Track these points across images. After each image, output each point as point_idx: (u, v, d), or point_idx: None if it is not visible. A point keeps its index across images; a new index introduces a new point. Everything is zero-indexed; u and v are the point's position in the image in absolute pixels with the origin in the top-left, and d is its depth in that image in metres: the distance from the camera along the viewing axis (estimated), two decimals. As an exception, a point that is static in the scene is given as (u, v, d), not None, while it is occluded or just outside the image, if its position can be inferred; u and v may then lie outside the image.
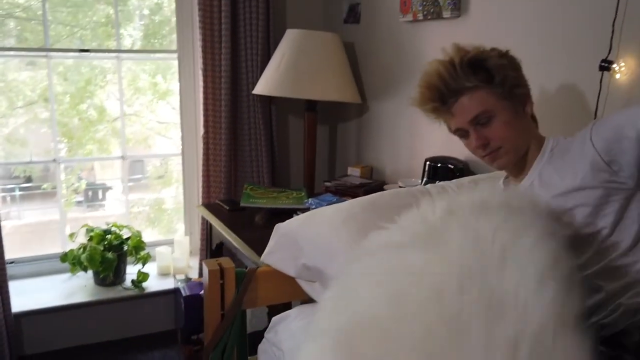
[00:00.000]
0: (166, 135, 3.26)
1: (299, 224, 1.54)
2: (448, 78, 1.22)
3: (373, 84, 2.49)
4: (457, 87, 1.22)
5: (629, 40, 1.37)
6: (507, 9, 1.75)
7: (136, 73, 3.06)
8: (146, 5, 2.92)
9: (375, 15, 2.42)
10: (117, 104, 2.93)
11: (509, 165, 1.29)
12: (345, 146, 2.76)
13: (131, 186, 3.45)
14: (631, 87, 1.38)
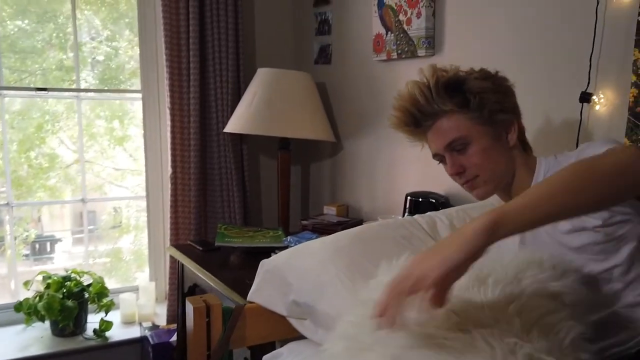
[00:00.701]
0: (122, 183, 3.15)
1: (285, 259, 1.50)
2: (423, 102, 1.16)
3: (346, 123, 2.51)
4: (432, 111, 1.17)
5: (606, 74, 1.43)
6: (482, 46, 1.81)
7: (91, 119, 2.96)
8: (101, 52, 2.86)
9: (347, 56, 2.46)
10: (68, 151, 2.83)
11: (488, 195, 1.22)
12: (319, 185, 2.74)
13: (83, 237, 3.30)
14: (610, 118, 1.44)
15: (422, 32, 1.98)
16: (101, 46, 2.85)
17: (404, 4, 2.05)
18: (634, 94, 1.37)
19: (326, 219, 2.40)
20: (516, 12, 1.67)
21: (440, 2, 1.96)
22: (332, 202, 2.57)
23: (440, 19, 1.97)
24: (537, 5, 1.60)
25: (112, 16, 2.82)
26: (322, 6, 2.61)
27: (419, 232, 1.50)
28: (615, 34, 1.40)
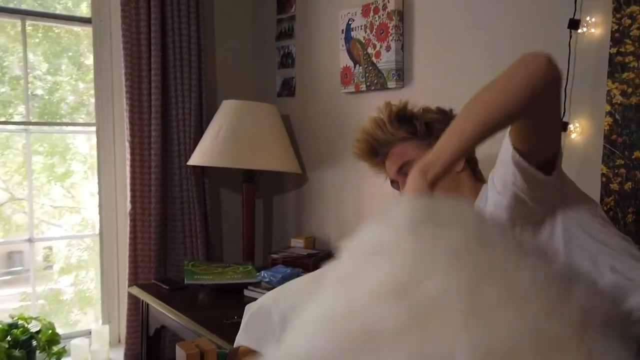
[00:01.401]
0: (59, 221, 2.97)
1: (273, 300, 1.45)
2: (377, 131, 1.30)
3: (312, 154, 2.50)
4: (386, 139, 1.31)
5: (580, 104, 1.50)
6: (452, 77, 1.86)
7: (25, 155, 2.78)
8: (39, 86, 2.72)
9: (313, 88, 2.46)
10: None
11: None
12: (284, 217, 2.70)
13: (8, 280, 3.08)
14: (585, 146, 1.50)
15: (392, 65, 2.02)
16: (39, 80, 2.71)
17: (373, 37, 2.09)
18: (608, 122, 1.44)
19: (295, 251, 2.36)
20: (488, 44, 1.73)
21: (409, 36, 2.01)
22: (298, 235, 2.53)
23: (409, 52, 2.01)
24: (510, 38, 1.67)
25: (53, 50, 2.70)
26: (285, 40, 2.62)
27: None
28: (589, 66, 1.47)
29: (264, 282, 2.01)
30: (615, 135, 1.43)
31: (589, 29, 1.46)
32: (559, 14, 1.50)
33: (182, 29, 2.45)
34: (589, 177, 1.49)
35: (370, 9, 2.09)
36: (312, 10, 2.45)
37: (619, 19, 1.40)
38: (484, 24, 1.73)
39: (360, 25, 2.14)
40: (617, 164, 1.43)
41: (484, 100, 0.91)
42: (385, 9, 2.03)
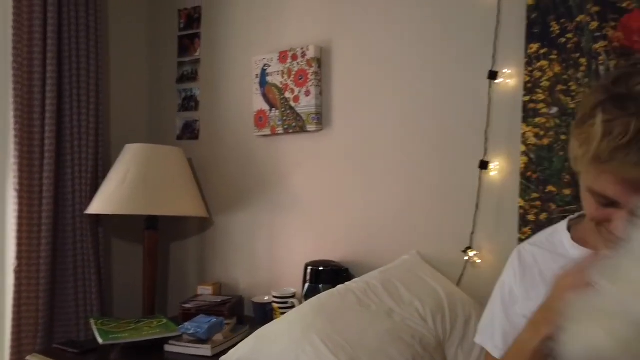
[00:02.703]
0: None
1: (251, 350, 1.41)
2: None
3: (218, 198, 2.46)
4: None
5: (499, 145, 1.70)
6: (371, 122, 1.99)
7: None
8: None
9: (221, 131, 2.45)
10: None
11: None
12: (188, 264, 2.59)
13: None
14: (504, 182, 1.70)
15: (312, 109, 2.10)
16: None
17: (291, 83, 2.16)
18: (524, 161, 1.66)
19: (206, 299, 2.28)
20: (409, 91, 1.89)
21: (327, 82, 2.12)
22: (205, 281, 2.46)
23: (327, 97, 2.12)
24: (431, 87, 1.84)
25: None
26: (188, 83, 2.59)
27: (367, 297, 1.55)
28: (505, 112, 1.68)
29: (187, 335, 1.91)
30: (530, 172, 1.64)
31: (505, 80, 1.68)
32: (479, 65, 1.71)
33: (80, 69, 2.32)
34: (508, 209, 1.68)
35: (287, 55, 2.17)
36: (220, 54, 2.47)
37: (530, 72, 1.64)
38: (406, 73, 1.90)
39: (277, 70, 2.21)
40: (532, 198, 1.64)
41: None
42: (304, 56, 2.12)
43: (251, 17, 2.35)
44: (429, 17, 1.84)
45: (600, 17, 1.51)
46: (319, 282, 1.96)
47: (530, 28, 1.64)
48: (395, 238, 1.92)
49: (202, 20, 2.56)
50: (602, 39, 1.51)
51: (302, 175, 2.19)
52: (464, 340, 1.55)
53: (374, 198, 1.99)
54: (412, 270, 1.75)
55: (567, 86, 1.57)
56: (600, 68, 1.52)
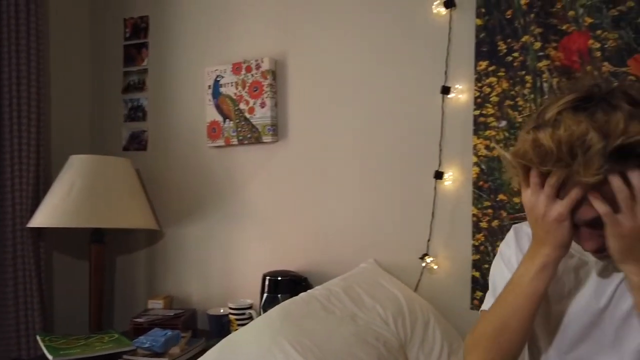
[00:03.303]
0: None
1: (219, 358, 1.42)
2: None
3: (168, 210, 2.45)
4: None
5: (452, 156, 1.82)
6: (327, 133, 2.07)
7: None
8: None
9: (171, 142, 2.45)
10: None
11: None
12: (135, 278, 2.55)
13: None
14: (457, 191, 1.81)
15: (268, 120, 2.15)
16: None
17: (245, 94, 2.20)
18: (476, 171, 1.78)
19: (158, 313, 2.26)
20: (364, 105, 1.99)
21: (283, 93, 2.18)
22: (155, 295, 2.43)
23: (283, 108, 2.18)
24: (387, 102, 1.94)
25: None
26: (134, 92, 2.57)
27: (330, 303, 1.61)
28: (457, 125, 1.80)
29: (142, 349, 1.90)
30: (482, 182, 1.77)
31: (457, 95, 1.80)
32: (432, 81, 1.82)
33: (20, 77, 2.25)
34: (462, 217, 1.79)
35: (241, 67, 2.21)
36: (169, 64, 2.47)
37: (480, 87, 1.77)
38: (362, 86, 1.99)
39: (230, 82, 2.24)
40: (485, 206, 1.76)
41: None
42: (259, 68, 2.17)
43: (203, 28, 2.38)
44: (383, 33, 1.95)
45: (543, 38, 1.67)
46: (278, 292, 2.00)
47: (479, 47, 1.78)
48: (353, 247, 1.99)
49: (149, 29, 2.56)
50: (545, 58, 1.66)
51: (258, 186, 2.23)
52: (424, 343, 1.63)
53: (331, 208, 2.05)
54: (371, 276, 1.83)
55: (514, 101, 1.72)
56: (544, 85, 1.67)
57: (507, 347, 0.98)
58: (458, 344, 1.71)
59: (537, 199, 0.90)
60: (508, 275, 1.04)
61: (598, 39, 1.58)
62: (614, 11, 1.56)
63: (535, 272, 0.94)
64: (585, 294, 1.03)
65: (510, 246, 1.13)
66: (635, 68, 1.54)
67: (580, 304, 1.03)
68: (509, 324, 0.97)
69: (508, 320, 0.97)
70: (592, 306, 1.01)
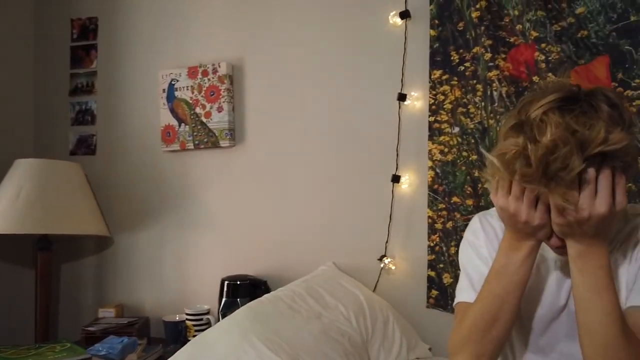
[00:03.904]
0: None
1: (190, 358, 1.45)
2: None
3: (120, 216, 2.44)
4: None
5: (408, 161, 1.93)
6: (285, 138, 2.14)
7: None
8: None
9: (121, 146, 2.44)
10: None
11: None
12: (83, 287, 2.51)
13: None
14: (413, 194, 1.92)
15: (225, 125, 2.20)
16: None
17: (202, 98, 2.24)
18: (431, 175, 1.90)
19: (110, 321, 2.25)
20: (322, 110, 2.07)
21: (240, 98, 2.23)
22: (106, 304, 2.41)
23: (240, 113, 2.23)
24: (345, 108, 2.03)
25: None
26: (82, 95, 2.55)
27: (295, 303, 1.67)
28: (413, 131, 1.91)
29: (98, 357, 1.89)
30: (437, 185, 1.88)
31: (413, 102, 1.92)
32: (389, 88, 1.93)
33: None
34: (418, 219, 1.90)
35: (197, 71, 2.25)
36: (120, 67, 2.47)
37: (434, 95, 1.89)
38: (320, 93, 2.07)
39: (186, 86, 2.27)
40: (439, 208, 1.88)
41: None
42: (215, 72, 2.21)
43: (157, 31, 2.39)
44: (341, 41, 2.04)
45: (492, 49, 1.81)
46: (237, 296, 2.04)
47: (433, 56, 1.90)
48: (312, 250, 2.06)
49: (99, 31, 2.54)
50: (494, 68, 1.80)
51: (215, 190, 2.26)
52: (384, 340, 1.72)
53: (290, 212, 2.12)
54: (332, 278, 1.90)
55: (466, 108, 1.85)
56: (494, 93, 1.81)
57: (499, 338, 1.00)
58: (415, 340, 1.81)
59: (518, 207, 0.96)
60: (480, 264, 1.13)
61: (543, 51, 1.73)
62: (557, 26, 1.72)
63: (521, 261, 0.99)
64: (547, 291, 1.09)
65: (479, 237, 1.19)
66: (576, 79, 1.69)
67: (544, 302, 1.09)
68: (500, 314, 1.00)
69: (498, 311, 1.00)
70: (555, 304, 1.08)
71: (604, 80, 1.65)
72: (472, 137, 1.84)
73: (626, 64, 1.61)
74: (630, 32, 1.61)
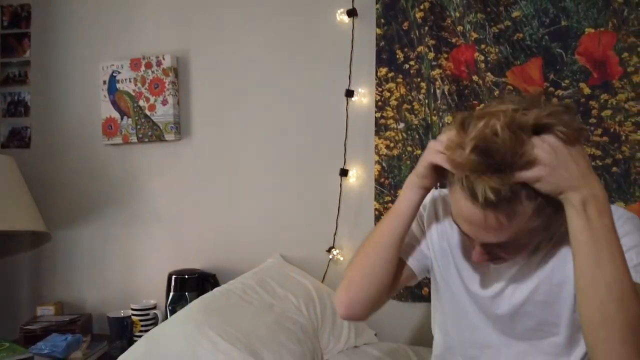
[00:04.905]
0: None
1: (144, 354, 1.50)
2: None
3: (59, 211, 2.42)
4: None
5: (355, 155, 2.04)
6: (232, 132, 2.20)
7: None
8: None
9: (58, 139, 2.42)
10: None
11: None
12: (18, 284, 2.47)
13: None
14: (361, 187, 2.04)
15: (170, 118, 2.23)
16: None
17: (145, 91, 2.26)
18: (377, 169, 2.02)
19: (50, 319, 2.24)
20: (270, 105, 2.15)
21: (186, 91, 2.27)
22: (44, 302, 2.39)
23: (186, 106, 2.27)
24: (294, 102, 2.12)
25: None
26: (14, 86, 2.50)
27: (247, 295, 1.74)
28: (360, 126, 2.03)
29: (41, 355, 1.89)
30: (383, 179, 2.01)
31: (360, 98, 2.03)
32: (337, 84, 2.03)
33: None
34: (365, 211, 2.02)
35: (140, 63, 2.27)
36: (57, 57, 2.44)
37: (380, 92, 2.01)
38: (268, 87, 2.15)
39: (128, 78, 2.28)
40: (386, 200, 2.00)
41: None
42: (160, 65, 2.24)
43: (96, 21, 2.39)
44: (289, 37, 2.13)
45: (435, 49, 1.95)
46: (185, 290, 2.09)
47: (379, 54, 2.02)
48: (261, 243, 2.14)
49: (32, 19, 2.50)
50: (437, 67, 1.94)
51: (161, 185, 2.29)
52: (334, 327, 1.83)
53: (237, 205, 2.18)
54: (281, 269, 1.99)
55: (411, 105, 1.98)
56: (437, 91, 1.95)
57: (372, 275, 1.12)
58: (362, 327, 1.92)
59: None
60: (416, 231, 1.20)
61: (482, 52, 1.88)
62: (495, 29, 1.87)
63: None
64: (485, 276, 1.12)
65: (425, 209, 1.22)
66: (512, 79, 1.86)
67: (479, 288, 1.13)
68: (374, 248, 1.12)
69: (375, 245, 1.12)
70: (491, 291, 1.10)
71: (537, 80, 1.82)
72: (416, 132, 1.97)
73: (557, 65, 1.79)
74: (561, 35, 1.78)
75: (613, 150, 1.73)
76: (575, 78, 1.77)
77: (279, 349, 1.53)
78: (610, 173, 1.73)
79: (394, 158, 2.00)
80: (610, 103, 1.73)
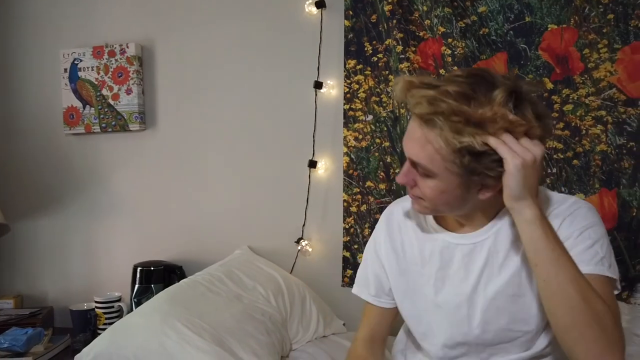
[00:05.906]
0: None
1: (109, 345, 1.53)
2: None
3: (16, 202, 2.41)
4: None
5: (324, 147, 2.10)
6: (198, 123, 2.23)
7: None
8: None
9: (15, 128, 2.41)
10: None
11: (424, 214, 1.16)
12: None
13: None
14: (329, 178, 2.10)
15: (135, 108, 2.25)
16: None
17: (108, 80, 2.26)
18: (346, 161, 2.08)
19: (10, 312, 2.24)
20: (238, 96, 2.18)
21: (151, 81, 2.28)
22: (2, 295, 2.38)
23: (151, 96, 2.28)
24: (263, 94, 2.16)
25: None
26: (-31, 72, 2.47)
27: (214, 286, 1.79)
28: (329, 118, 2.08)
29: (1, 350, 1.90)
30: (351, 170, 2.07)
31: (329, 90, 2.08)
32: (306, 76, 2.08)
33: None
34: (334, 202, 2.08)
35: (103, 51, 2.27)
36: (12, 44, 2.42)
37: (349, 84, 2.07)
38: (237, 77, 2.18)
39: (90, 66, 2.28)
40: (354, 192, 2.07)
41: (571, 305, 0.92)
42: (123, 53, 2.25)
43: (56, 7, 2.37)
44: (257, 27, 2.16)
45: (403, 42, 2.01)
46: (151, 282, 2.11)
47: (347, 46, 2.08)
48: (228, 234, 2.18)
49: (-12, 3, 2.47)
50: (405, 60, 2.01)
51: (125, 175, 2.30)
52: (302, 317, 1.89)
53: (205, 197, 2.22)
54: (249, 260, 2.04)
55: (379, 98, 2.04)
56: (405, 84, 2.01)
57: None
58: (331, 317, 1.99)
59: None
60: (376, 266, 1.26)
61: (449, 46, 1.96)
62: (462, 23, 1.95)
63: None
64: (454, 277, 1.12)
65: (379, 233, 1.27)
66: (478, 73, 1.94)
67: (450, 290, 1.13)
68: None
69: None
70: (462, 290, 1.11)
71: (502, 74, 1.90)
72: (384, 124, 2.03)
73: (522, 60, 1.88)
74: (526, 31, 1.87)
75: (574, 143, 1.83)
76: (538, 73, 1.86)
77: (247, 340, 1.58)
78: (571, 165, 1.83)
79: (363, 150, 2.06)
80: (572, 98, 1.83)
